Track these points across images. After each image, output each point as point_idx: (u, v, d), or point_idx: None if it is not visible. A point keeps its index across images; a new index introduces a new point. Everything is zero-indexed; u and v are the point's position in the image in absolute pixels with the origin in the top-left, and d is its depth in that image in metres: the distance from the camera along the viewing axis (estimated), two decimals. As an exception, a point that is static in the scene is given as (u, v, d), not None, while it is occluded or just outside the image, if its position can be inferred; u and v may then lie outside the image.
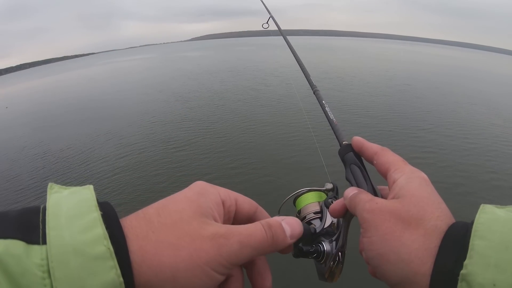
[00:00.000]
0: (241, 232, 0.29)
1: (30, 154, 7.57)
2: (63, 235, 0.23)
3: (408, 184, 0.34)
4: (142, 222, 0.27)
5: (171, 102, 11.55)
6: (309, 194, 0.48)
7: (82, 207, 0.25)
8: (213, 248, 0.27)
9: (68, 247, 0.22)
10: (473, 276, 0.25)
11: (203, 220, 0.29)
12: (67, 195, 0.26)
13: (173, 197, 0.30)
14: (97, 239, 0.23)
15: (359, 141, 0.42)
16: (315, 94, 0.59)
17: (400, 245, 0.30)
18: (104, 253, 0.23)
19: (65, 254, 0.22)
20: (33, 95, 21.61)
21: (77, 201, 0.26)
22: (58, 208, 0.25)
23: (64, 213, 0.24)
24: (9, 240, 0.22)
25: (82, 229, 0.24)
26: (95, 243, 0.23)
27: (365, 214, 0.34)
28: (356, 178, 0.41)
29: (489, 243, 0.26)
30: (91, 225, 0.24)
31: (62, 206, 0.25)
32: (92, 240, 0.23)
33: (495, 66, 34.62)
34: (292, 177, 5.07)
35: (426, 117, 8.43)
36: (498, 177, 5.20)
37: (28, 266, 0.21)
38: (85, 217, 0.24)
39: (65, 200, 0.26)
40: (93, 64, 53.06)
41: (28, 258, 0.21)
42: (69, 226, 0.23)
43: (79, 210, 0.25)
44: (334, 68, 19.04)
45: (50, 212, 0.24)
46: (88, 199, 0.26)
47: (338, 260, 0.42)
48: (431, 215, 0.31)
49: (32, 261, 0.21)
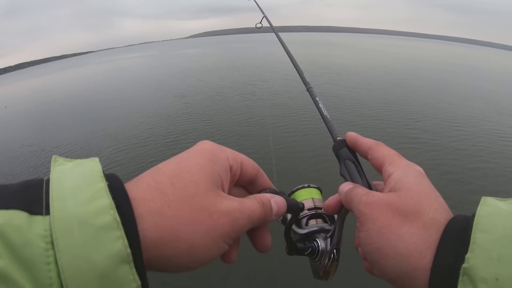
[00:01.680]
0: (249, 207, 0.30)
1: (28, 153, 7.56)
2: (67, 206, 0.22)
3: (404, 177, 0.33)
4: (155, 194, 0.26)
5: (169, 98, 11.51)
6: (302, 191, 0.48)
7: (87, 177, 0.24)
8: (229, 222, 0.28)
9: (72, 217, 0.22)
10: (475, 270, 0.24)
11: (218, 193, 0.29)
12: (71, 167, 0.26)
13: (184, 163, 0.29)
14: (103, 209, 0.23)
15: (353, 136, 0.41)
16: (309, 91, 0.59)
17: (398, 238, 0.29)
18: (110, 223, 0.22)
19: (69, 224, 0.21)
20: (32, 94, 21.54)
21: (82, 172, 0.25)
22: (62, 179, 0.24)
23: (68, 184, 0.24)
24: (11, 210, 0.21)
25: (87, 199, 0.23)
26: (101, 213, 0.22)
27: (362, 207, 0.33)
28: (351, 173, 0.40)
29: (491, 237, 0.25)
30: (97, 195, 0.23)
31: (66, 177, 0.24)
32: (98, 210, 0.23)
33: (495, 62, 34.49)
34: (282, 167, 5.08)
35: (424, 111, 8.43)
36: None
37: (30, 237, 0.20)
38: (90, 188, 0.24)
39: (69, 172, 0.25)
40: (91, 63, 52.78)
41: (31, 229, 0.21)
42: (73, 196, 0.23)
43: (84, 181, 0.24)
44: (332, 64, 18.99)
45: (53, 183, 0.24)
46: (94, 170, 0.25)
47: (333, 258, 0.41)
48: (429, 208, 0.30)
49: (35, 232, 0.21)
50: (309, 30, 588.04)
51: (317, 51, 31.71)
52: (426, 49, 48.43)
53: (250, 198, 0.32)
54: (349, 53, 30.26)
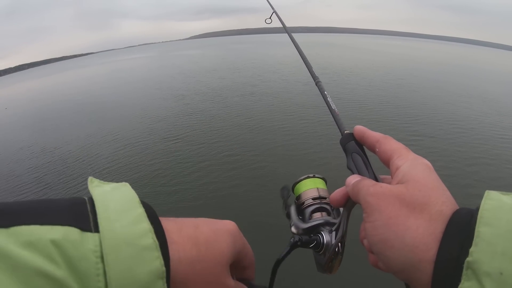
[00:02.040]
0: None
1: (29, 153, 7.58)
2: (114, 226, 0.25)
3: (412, 170, 0.33)
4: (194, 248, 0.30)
5: (169, 99, 11.56)
6: (308, 181, 0.48)
7: (128, 202, 0.28)
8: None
9: (119, 237, 0.25)
10: (479, 264, 0.24)
11: (228, 271, 0.33)
12: (110, 191, 0.29)
13: (217, 236, 0.33)
14: (145, 232, 0.26)
15: (361, 130, 0.41)
16: (317, 85, 0.59)
17: (405, 229, 0.29)
18: (151, 244, 0.26)
19: (117, 243, 0.24)
20: (32, 95, 21.59)
21: (121, 197, 0.28)
22: (105, 202, 0.27)
23: (112, 207, 0.27)
24: (67, 227, 0.23)
25: (130, 222, 0.26)
26: (143, 235, 0.26)
27: (369, 197, 0.33)
28: (358, 166, 0.40)
29: (496, 230, 0.25)
30: (138, 220, 0.27)
31: (108, 200, 0.27)
32: (141, 233, 0.26)
33: (497, 62, 34.51)
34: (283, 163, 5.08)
35: (423, 111, 8.43)
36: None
37: (84, 251, 0.23)
38: (132, 212, 0.27)
39: (110, 195, 0.28)
40: (92, 64, 52.95)
41: (83, 244, 0.23)
42: (118, 218, 0.26)
43: (125, 205, 0.27)
44: (332, 64, 19.03)
45: (99, 205, 0.27)
46: (132, 195, 0.29)
47: (337, 251, 0.41)
48: (436, 201, 0.30)
49: (87, 247, 0.23)
50: (309, 31, 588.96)
51: (318, 52, 31.74)
52: (427, 49, 48.53)
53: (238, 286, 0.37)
54: (350, 53, 30.30)
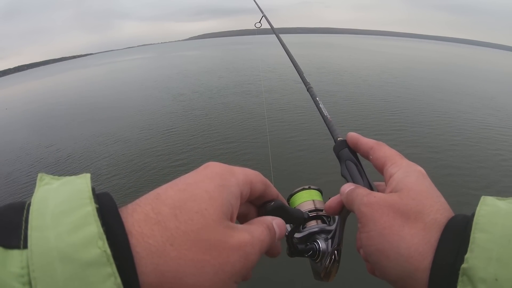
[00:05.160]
0: (258, 238, 0.27)
1: (29, 154, 7.56)
2: (47, 237, 0.18)
3: (406, 178, 0.33)
4: (155, 228, 0.22)
5: (168, 99, 11.57)
6: (303, 193, 0.47)
7: (73, 200, 0.21)
8: (240, 260, 0.24)
9: (53, 251, 0.18)
10: (474, 270, 0.24)
11: (227, 224, 0.25)
12: (56, 187, 0.22)
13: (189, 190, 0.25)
14: (89, 240, 0.19)
15: (354, 137, 0.41)
16: (309, 91, 0.59)
17: (399, 239, 0.29)
18: (98, 257, 0.19)
19: (50, 260, 0.18)
20: (32, 96, 21.54)
21: (68, 194, 0.21)
22: (44, 203, 0.20)
23: (51, 209, 0.20)
24: None
25: (71, 228, 0.19)
26: (87, 245, 0.19)
27: (363, 208, 0.33)
28: (352, 174, 0.40)
29: (491, 236, 0.25)
30: (83, 222, 0.20)
31: (49, 200, 0.21)
32: (83, 242, 0.19)
33: (493, 62, 34.58)
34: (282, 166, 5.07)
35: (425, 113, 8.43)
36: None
37: (3, 277, 0.17)
38: (76, 213, 0.20)
39: (53, 193, 0.21)
40: (91, 65, 52.87)
41: (5, 266, 0.17)
42: (55, 224, 0.19)
43: (69, 204, 0.20)
44: (330, 64, 19.05)
45: (34, 209, 0.20)
46: (81, 190, 0.22)
47: (334, 259, 0.41)
48: (431, 209, 0.30)
49: (9, 271, 0.17)
50: (308, 32, 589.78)
51: (316, 52, 31.77)
52: (424, 49, 48.55)
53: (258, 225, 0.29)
54: (348, 54, 30.32)
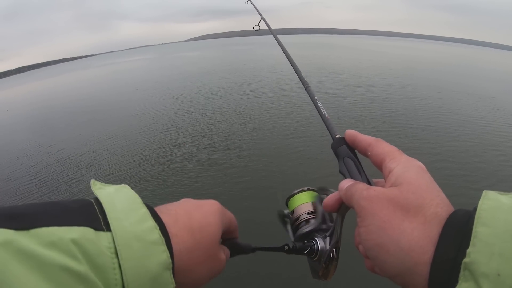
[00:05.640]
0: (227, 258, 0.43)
1: (29, 154, 7.59)
2: (124, 225, 0.28)
3: (405, 172, 0.32)
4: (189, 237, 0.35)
5: (169, 99, 11.57)
6: (301, 195, 0.47)
7: (132, 203, 0.31)
8: (220, 267, 0.40)
9: (129, 234, 0.28)
10: (476, 265, 0.24)
11: (219, 246, 0.39)
12: (114, 192, 0.32)
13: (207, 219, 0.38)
14: (151, 229, 0.30)
15: (352, 134, 0.41)
16: (307, 90, 0.59)
17: (399, 233, 0.29)
18: (157, 240, 0.29)
19: (128, 239, 0.28)
20: (33, 97, 21.62)
21: (125, 197, 0.31)
22: (111, 203, 0.30)
23: (119, 207, 0.30)
24: (83, 227, 0.26)
25: (137, 220, 0.29)
26: (150, 232, 0.29)
27: (362, 201, 0.32)
28: (350, 171, 0.40)
29: (493, 231, 0.24)
30: (144, 218, 0.30)
31: (114, 201, 0.30)
32: (148, 230, 0.29)
33: (493, 61, 34.56)
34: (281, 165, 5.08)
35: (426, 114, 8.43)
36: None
37: (100, 248, 0.26)
38: (137, 211, 0.30)
39: (115, 196, 0.31)
40: (92, 66, 53.06)
41: (99, 242, 0.26)
42: (126, 217, 0.29)
43: (130, 205, 0.31)
44: (329, 64, 19.08)
45: (106, 206, 0.29)
46: (134, 196, 0.32)
47: (332, 257, 0.40)
48: (431, 203, 0.29)
49: (103, 244, 0.26)
50: (309, 32, 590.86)
51: (317, 53, 31.80)
52: (424, 49, 48.55)
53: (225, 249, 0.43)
54: (348, 54, 30.34)
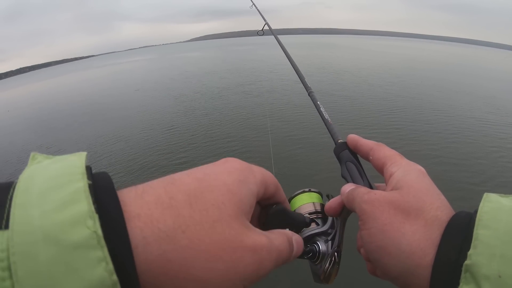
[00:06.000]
0: (277, 247, 0.26)
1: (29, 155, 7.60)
2: (31, 215, 0.16)
3: (406, 176, 0.33)
4: (167, 212, 0.20)
5: (169, 99, 11.57)
6: (303, 195, 0.47)
7: (63, 175, 0.19)
8: (254, 263, 0.22)
9: (37, 232, 0.16)
10: (477, 267, 0.24)
11: (244, 222, 0.23)
12: (47, 164, 0.20)
13: (207, 180, 0.23)
14: (77, 219, 0.17)
15: (354, 139, 0.41)
16: (310, 95, 0.60)
17: (400, 236, 0.29)
18: (87, 239, 0.16)
19: (33, 242, 0.15)
20: (34, 98, 21.67)
21: (58, 170, 0.19)
22: (31, 181, 0.18)
23: (38, 186, 0.18)
24: None
25: (58, 205, 0.17)
26: (75, 224, 0.16)
27: (364, 205, 0.33)
28: (352, 175, 0.40)
29: (495, 233, 0.24)
30: (72, 199, 0.17)
31: (37, 177, 0.18)
32: (71, 221, 0.16)
33: (492, 61, 34.51)
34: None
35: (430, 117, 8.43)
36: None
37: None
38: (65, 189, 0.18)
39: (43, 170, 0.19)
40: (93, 67, 53.17)
41: None
42: (41, 202, 0.17)
43: (58, 180, 0.18)
44: (331, 64, 19.11)
45: (20, 186, 0.18)
46: (74, 165, 0.19)
47: (334, 261, 0.41)
48: (431, 206, 0.30)
49: None
50: (310, 33, 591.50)
51: (318, 53, 31.84)
52: (425, 49, 48.49)
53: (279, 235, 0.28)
54: (349, 54, 30.36)
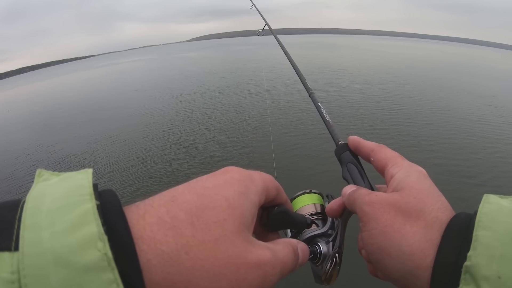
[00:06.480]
0: (282, 259, 0.25)
1: (30, 155, 7.60)
2: (41, 238, 0.16)
3: (407, 177, 0.33)
4: (169, 234, 0.20)
5: (170, 99, 11.59)
6: (304, 196, 0.47)
7: (72, 196, 0.19)
8: (258, 278, 0.22)
9: (47, 254, 0.16)
10: (477, 268, 0.24)
11: (246, 237, 0.23)
12: (55, 183, 0.20)
13: (208, 195, 0.23)
14: (87, 241, 0.17)
15: (355, 140, 0.41)
16: (311, 96, 0.60)
17: (401, 237, 0.29)
18: (98, 261, 0.17)
19: (44, 264, 0.16)
20: (34, 98, 21.68)
21: (66, 190, 0.19)
22: (40, 200, 0.18)
23: (47, 207, 0.18)
24: None
25: (67, 227, 0.17)
26: (85, 246, 0.17)
27: (365, 206, 0.33)
28: (353, 176, 0.40)
29: (494, 234, 0.25)
30: (81, 221, 0.17)
31: (46, 197, 0.19)
32: (81, 243, 0.17)
33: (492, 60, 34.50)
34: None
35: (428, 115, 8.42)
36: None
37: None
38: (74, 210, 0.18)
39: (51, 189, 0.19)
40: (93, 67, 53.20)
41: None
42: (50, 223, 0.17)
43: (67, 201, 0.18)
44: (330, 64, 19.12)
45: (29, 206, 0.18)
46: (81, 185, 0.20)
47: (335, 262, 0.41)
48: (432, 207, 0.30)
49: (0, 277, 0.15)
50: (310, 32, 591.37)
51: (318, 53, 31.84)
52: (425, 49, 48.50)
53: (283, 246, 0.27)
54: (349, 54, 30.35)
